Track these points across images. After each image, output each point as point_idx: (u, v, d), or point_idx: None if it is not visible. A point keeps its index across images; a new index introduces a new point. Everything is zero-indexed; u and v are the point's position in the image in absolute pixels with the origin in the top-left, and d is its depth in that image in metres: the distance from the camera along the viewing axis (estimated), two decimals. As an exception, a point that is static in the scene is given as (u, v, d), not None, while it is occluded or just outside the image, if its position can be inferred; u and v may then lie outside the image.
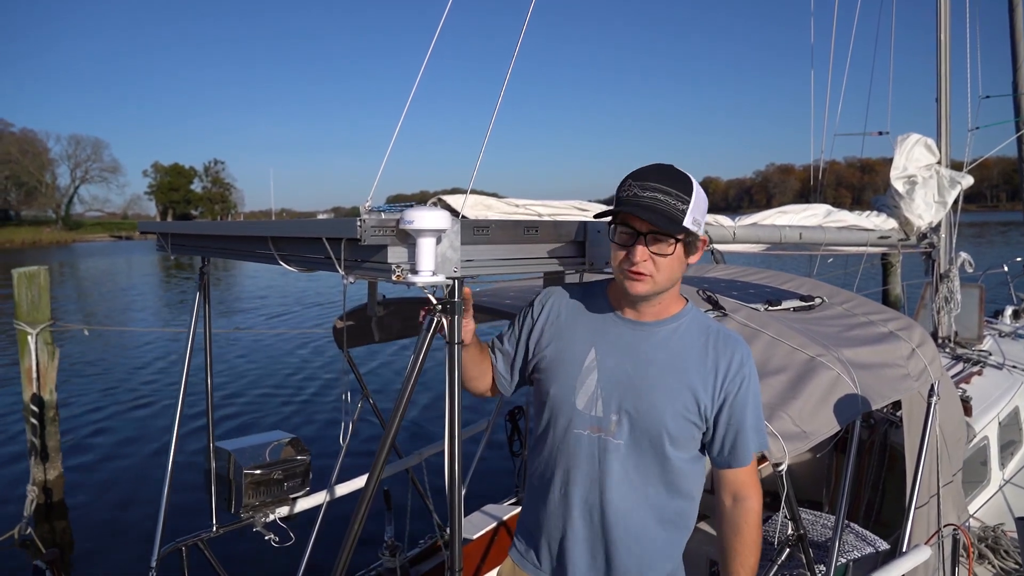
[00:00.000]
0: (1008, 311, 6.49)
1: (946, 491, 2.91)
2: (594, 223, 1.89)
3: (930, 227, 4.47)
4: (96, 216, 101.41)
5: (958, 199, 4.57)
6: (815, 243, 3.63)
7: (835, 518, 2.45)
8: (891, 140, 4.59)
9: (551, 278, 2.01)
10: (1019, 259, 8.20)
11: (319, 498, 3.06)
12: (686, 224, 1.59)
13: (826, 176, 6.03)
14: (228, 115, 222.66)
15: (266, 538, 2.80)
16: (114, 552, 5.89)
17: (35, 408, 6.72)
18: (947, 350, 4.81)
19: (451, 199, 1.95)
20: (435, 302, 1.56)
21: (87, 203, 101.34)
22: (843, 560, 2.82)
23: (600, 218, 1.76)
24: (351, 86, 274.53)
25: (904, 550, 2.52)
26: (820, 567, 2.38)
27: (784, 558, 2.13)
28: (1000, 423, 4.10)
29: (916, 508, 2.62)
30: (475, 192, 2.08)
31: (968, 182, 4.50)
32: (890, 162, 4.44)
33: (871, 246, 4.16)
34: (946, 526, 2.85)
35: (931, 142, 4.55)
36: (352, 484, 3.32)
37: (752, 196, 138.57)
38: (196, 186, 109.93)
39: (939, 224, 4.57)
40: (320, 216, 1.83)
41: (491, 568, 3.65)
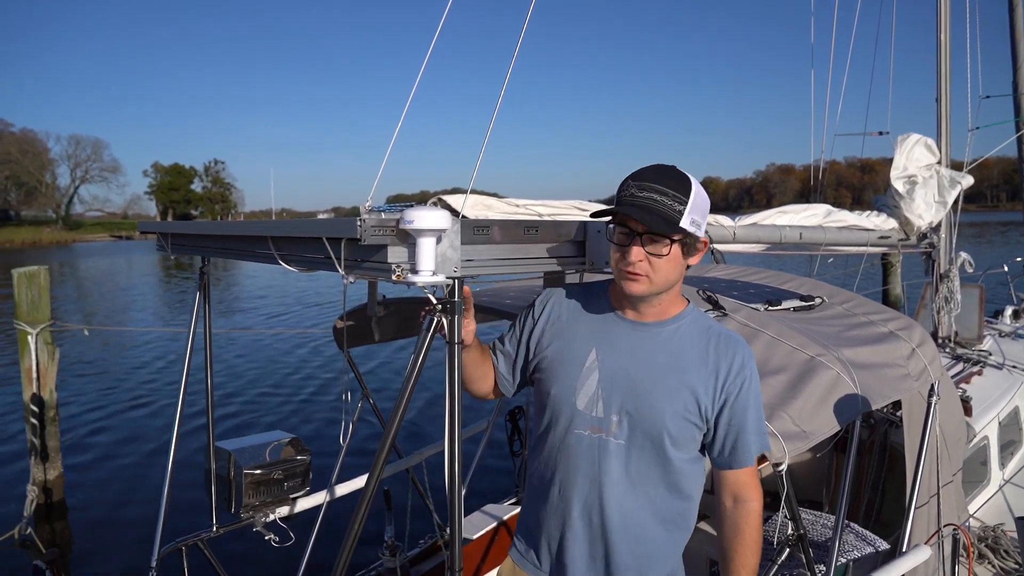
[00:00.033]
0: (1008, 311, 6.49)
1: (946, 491, 2.91)
2: (594, 223, 1.89)
3: (930, 227, 4.47)
4: (96, 216, 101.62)
5: (958, 199, 4.57)
6: (815, 243, 3.63)
7: (835, 518, 2.45)
8: (891, 140, 4.60)
9: (551, 278, 2.01)
10: (1019, 259, 8.19)
11: (319, 498, 3.06)
12: (683, 225, 1.59)
13: (826, 176, 6.03)
14: (228, 115, 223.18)
15: (266, 538, 2.80)
16: (114, 552, 5.89)
17: (35, 408, 6.72)
18: (947, 350, 4.81)
19: (451, 199, 1.95)
20: (435, 302, 1.56)
21: (87, 203, 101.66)
22: (843, 560, 2.82)
23: (597, 218, 1.76)
24: (351, 86, 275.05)
25: (904, 550, 2.52)
26: (820, 567, 2.38)
27: (784, 558, 2.13)
28: (1000, 423, 4.10)
29: (916, 508, 2.62)
30: (475, 192, 2.08)
31: (968, 182, 4.50)
32: (890, 162, 4.44)
33: (871, 246, 4.16)
34: (946, 526, 2.85)
35: (931, 142, 4.55)
36: (352, 484, 3.32)
37: (752, 196, 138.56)
38: (196, 186, 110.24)
39: (939, 224, 4.57)
40: (320, 216, 1.83)
41: (491, 568, 3.65)
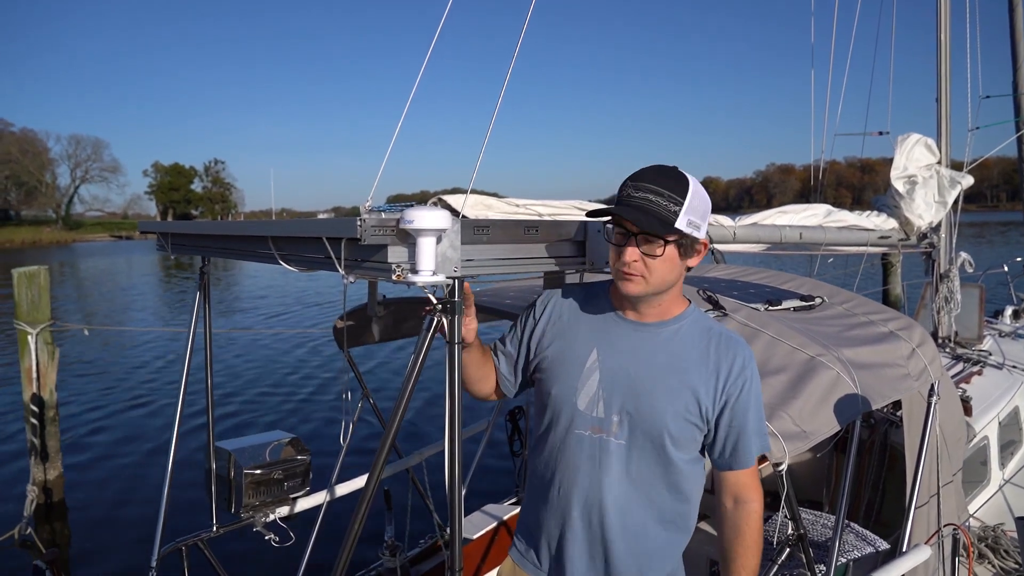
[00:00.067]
0: (1008, 311, 6.48)
1: (946, 491, 2.91)
2: (594, 223, 1.89)
3: (930, 227, 4.47)
4: (96, 216, 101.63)
5: (958, 199, 4.57)
6: (815, 243, 3.63)
7: (835, 518, 2.45)
8: (891, 140, 4.60)
9: (551, 278, 2.01)
10: (1019, 259, 8.19)
11: (319, 498, 3.06)
12: (678, 226, 1.59)
13: (826, 176, 6.03)
14: (228, 115, 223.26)
15: (266, 538, 2.80)
16: (114, 552, 5.89)
17: (35, 408, 6.72)
18: (947, 350, 4.81)
19: (451, 199, 1.95)
20: (435, 302, 1.56)
21: (87, 203, 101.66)
22: (843, 560, 2.82)
23: (592, 217, 1.76)
24: (351, 86, 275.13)
25: (904, 550, 2.52)
26: (820, 567, 2.38)
27: (784, 558, 2.13)
28: (1000, 423, 4.10)
29: (916, 508, 2.61)
30: (475, 192, 2.07)
31: (968, 182, 4.50)
32: (890, 162, 4.44)
33: (871, 246, 4.16)
34: (946, 526, 2.85)
35: (931, 142, 4.55)
36: (352, 484, 3.32)
37: (752, 196, 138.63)
38: (196, 186, 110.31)
39: (939, 224, 4.57)
40: (320, 216, 1.83)
41: (491, 568, 3.65)
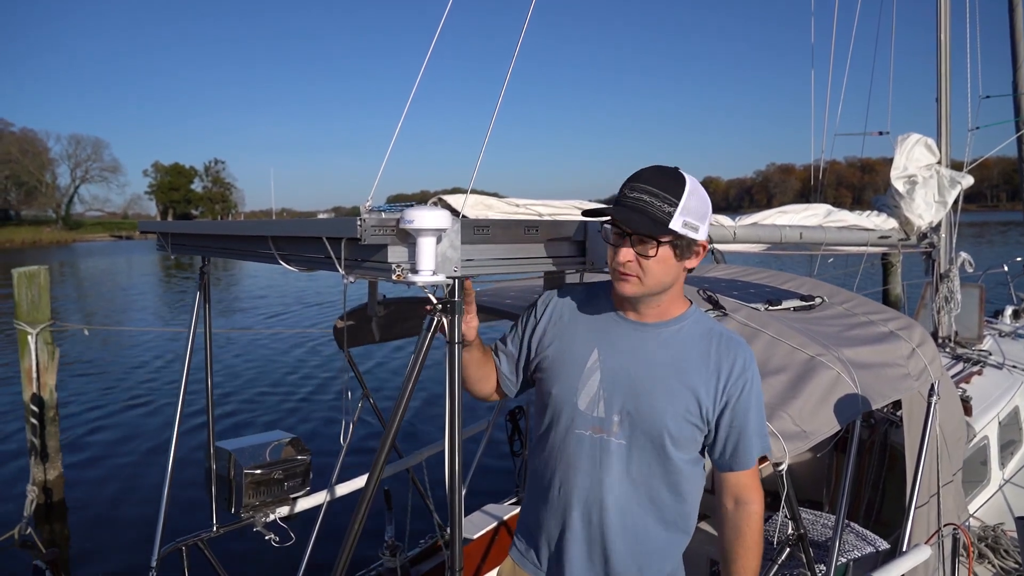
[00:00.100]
0: (1008, 311, 6.48)
1: (946, 491, 2.91)
2: (594, 223, 1.89)
3: (930, 227, 4.47)
4: (96, 216, 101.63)
5: (958, 199, 4.57)
6: (815, 243, 3.63)
7: (835, 518, 2.45)
8: (891, 140, 4.59)
9: (551, 278, 2.01)
10: (1019, 259, 8.18)
11: (319, 498, 3.06)
12: (672, 227, 1.58)
13: (826, 176, 6.02)
14: (228, 115, 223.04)
15: (266, 538, 2.80)
16: (114, 552, 5.89)
17: (35, 408, 6.72)
18: (947, 350, 4.81)
19: (451, 199, 1.94)
20: (435, 302, 1.56)
21: (87, 203, 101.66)
22: (843, 560, 2.82)
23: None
24: (351, 86, 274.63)
25: (904, 549, 2.52)
26: (820, 567, 2.38)
27: (784, 558, 2.13)
28: (1000, 423, 4.10)
29: (916, 508, 2.61)
30: (475, 192, 2.07)
31: (968, 182, 4.50)
32: (890, 162, 4.43)
33: (871, 246, 4.16)
34: (946, 525, 2.85)
35: (931, 142, 4.55)
36: (352, 484, 3.32)
37: (753, 196, 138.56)
38: (196, 186, 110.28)
39: (939, 224, 4.56)
40: (320, 216, 1.83)
41: (491, 568, 3.66)
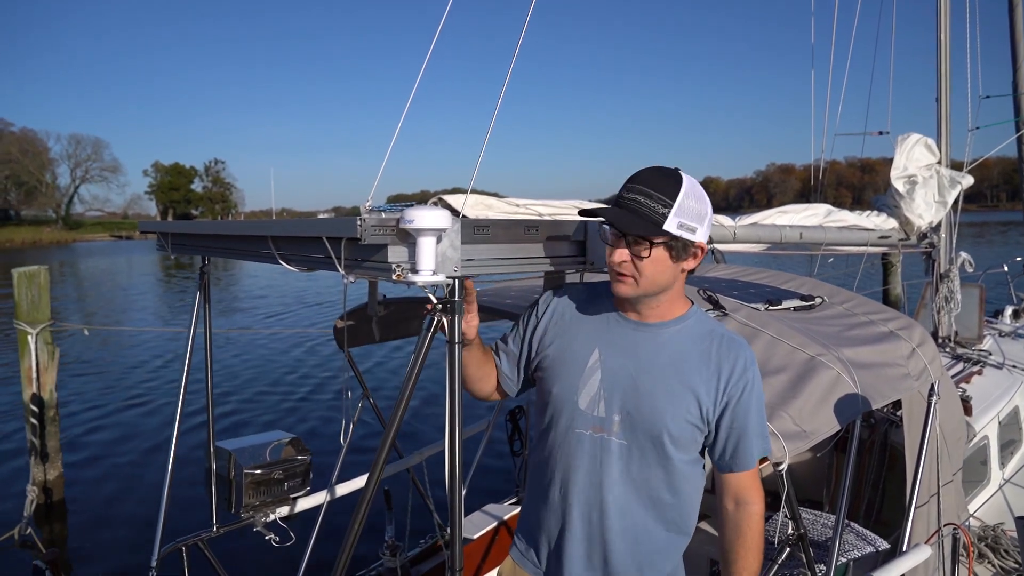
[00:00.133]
0: (1008, 311, 6.49)
1: (946, 490, 2.91)
2: (594, 222, 1.89)
3: (930, 227, 4.47)
4: (96, 216, 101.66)
5: (958, 199, 4.57)
6: (815, 243, 3.63)
7: (835, 517, 2.45)
8: (891, 140, 4.59)
9: (552, 277, 2.01)
10: (1019, 259, 8.18)
11: (319, 498, 3.06)
12: (667, 228, 1.58)
13: (826, 176, 6.02)
14: (228, 115, 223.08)
15: (266, 538, 2.80)
16: (114, 552, 5.89)
17: (35, 408, 6.72)
18: (947, 350, 4.81)
19: (452, 199, 1.94)
20: (435, 301, 1.56)
21: (87, 203, 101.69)
22: (843, 559, 2.82)
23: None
24: (351, 86, 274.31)
25: (904, 549, 2.52)
26: (820, 566, 2.38)
27: (784, 557, 2.13)
28: (1000, 422, 4.10)
29: (916, 507, 2.61)
30: (475, 192, 2.07)
31: (968, 182, 4.50)
32: (890, 162, 4.44)
33: (871, 246, 4.16)
34: (946, 525, 2.85)
35: (931, 142, 4.55)
36: (352, 484, 3.32)
37: (753, 196, 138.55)
38: (196, 186, 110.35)
39: (939, 224, 4.56)
40: (320, 216, 1.83)
41: (492, 568, 3.66)
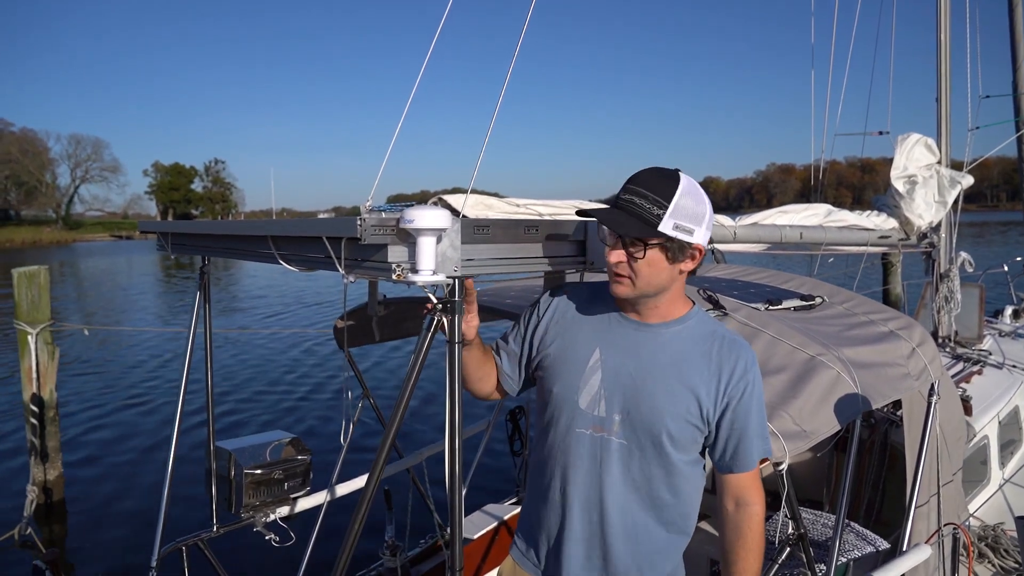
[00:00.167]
0: (1008, 311, 6.49)
1: (946, 490, 2.91)
2: (594, 222, 1.89)
3: (930, 227, 4.47)
4: (96, 216, 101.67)
5: (958, 199, 4.57)
6: (815, 243, 3.63)
7: (835, 517, 2.45)
8: (891, 140, 4.59)
9: (552, 277, 2.01)
10: (1019, 259, 8.18)
11: (319, 498, 3.06)
12: (661, 229, 1.57)
13: (827, 176, 6.02)
14: (228, 115, 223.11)
15: (267, 538, 2.80)
16: (114, 552, 5.89)
17: (35, 408, 6.72)
18: (947, 349, 4.81)
19: (452, 199, 1.94)
20: (435, 301, 1.56)
21: (87, 203, 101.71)
22: (843, 559, 2.82)
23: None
24: (351, 86, 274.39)
25: (904, 549, 2.52)
26: (820, 566, 2.38)
27: (784, 557, 2.13)
28: (1000, 422, 4.10)
29: (916, 507, 2.61)
30: (476, 192, 2.07)
31: (968, 182, 4.50)
32: (890, 162, 4.43)
33: (871, 246, 4.16)
34: (946, 525, 2.85)
35: (931, 142, 4.55)
36: (352, 484, 3.32)
37: (753, 196, 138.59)
38: (197, 186, 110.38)
39: (939, 224, 4.56)
40: (320, 216, 1.83)
41: (492, 568, 3.66)
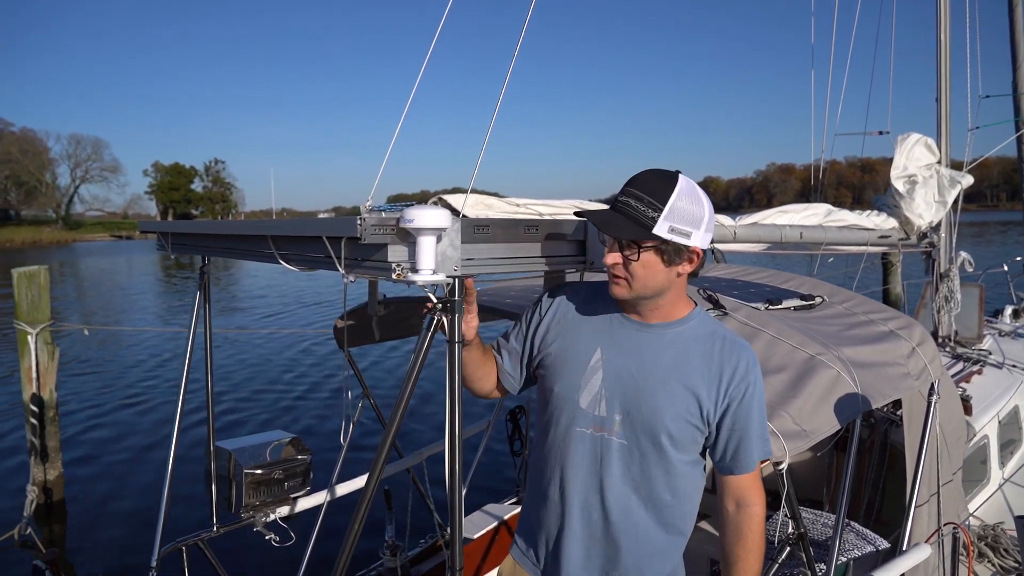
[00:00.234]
0: (1008, 311, 6.49)
1: (946, 490, 2.91)
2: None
3: (930, 226, 4.47)
4: (96, 216, 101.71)
5: (958, 199, 4.57)
6: (815, 242, 3.63)
7: (835, 517, 2.45)
8: (891, 140, 4.59)
9: (551, 277, 2.01)
10: (1019, 259, 8.19)
11: (319, 498, 3.06)
12: (656, 232, 1.57)
13: (827, 176, 6.01)
14: (228, 115, 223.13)
15: (267, 538, 2.80)
16: (114, 552, 5.89)
17: (35, 408, 6.72)
18: (947, 349, 4.81)
19: (452, 198, 1.94)
20: (435, 301, 1.56)
21: (87, 203, 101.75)
22: (843, 559, 2.82)
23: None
24: (351, 86, 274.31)
25: (904, 549, 2.52)
26: (820, 566, 2.38)
27: (784, 557, 2.13)
28: (1000, 422, 4.11)
29: (916, 507, 2.62)
30: (476, 191, 2.07)
31: (968, 182, 4.50)
32: (890, 162, 4.43)
33: (871, 245, 4.16)
34: (946, 525, 2.85)
35: (931, 142, 4.55)
36: (352, 484, 3.32)
37: (753, 196, 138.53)
38: (197, 186, 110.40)
39: (939, 223, 4.56)
40: (320, 215, 1.83)
41: (492, 567, 3.66)
